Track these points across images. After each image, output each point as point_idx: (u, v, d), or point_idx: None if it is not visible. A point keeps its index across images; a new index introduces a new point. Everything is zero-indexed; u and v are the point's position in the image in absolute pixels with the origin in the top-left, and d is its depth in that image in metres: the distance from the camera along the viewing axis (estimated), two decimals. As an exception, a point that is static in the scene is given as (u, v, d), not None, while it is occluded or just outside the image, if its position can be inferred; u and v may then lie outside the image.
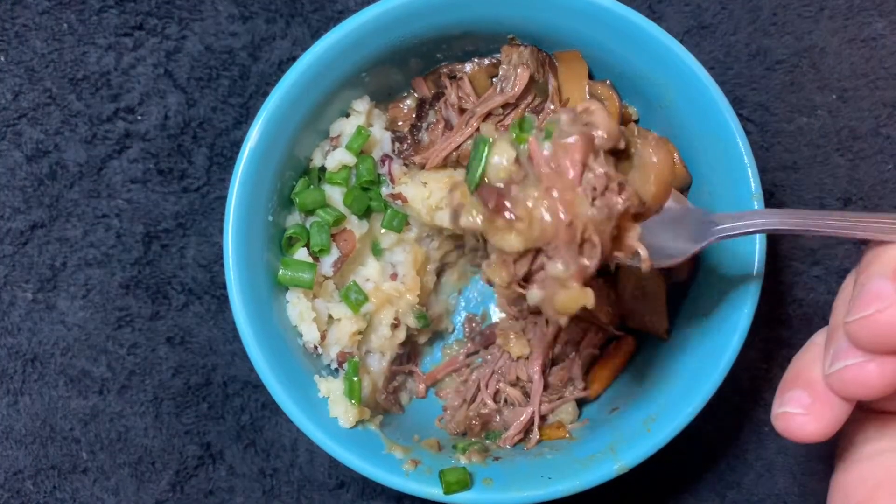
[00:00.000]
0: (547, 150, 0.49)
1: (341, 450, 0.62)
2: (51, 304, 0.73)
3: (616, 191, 0.48)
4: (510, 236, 0.48)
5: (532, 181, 0.49)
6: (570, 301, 0.48)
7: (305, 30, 0.75)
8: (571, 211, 0.47)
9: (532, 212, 0.48)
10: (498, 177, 0.50)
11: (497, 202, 0.48)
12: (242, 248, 0.63)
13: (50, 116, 0.74)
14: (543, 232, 0.48)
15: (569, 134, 0.48)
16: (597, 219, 0.47)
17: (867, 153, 0.74)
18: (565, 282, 0.48)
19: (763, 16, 0.75)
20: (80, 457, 0.73)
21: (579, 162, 0.48)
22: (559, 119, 0.50)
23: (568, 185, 0.48)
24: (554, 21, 0.64)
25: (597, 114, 0.50)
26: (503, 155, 0.50)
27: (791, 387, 0.49)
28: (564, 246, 0.47)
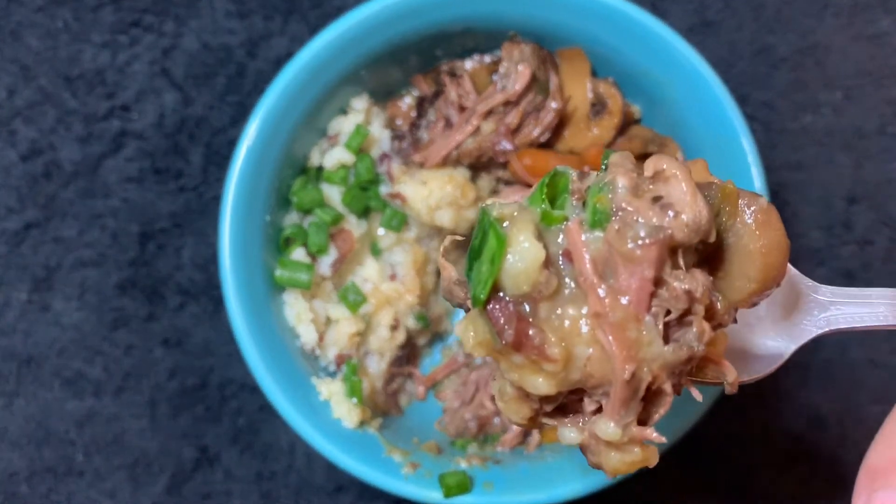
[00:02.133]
0: (596, 246, 0.33)
1: (339, 453, 0.62)
2: (45, 305, 0.73)
3: (702, 313, 0.34)
4: (535, 377, 0.34)
5: (571, 294, 0.34)
6: (626, 467, 0.35)
7: (303, 27, 0.75)
8: (634, 355, 0.33)
9: (572, 348, 0.33)
10: (518, 288, 0.34)
11: (518, 333, 0.33)
12: (239, 249, 0.62)
13: (44, 115, 0.74)
14: (588, 377, 0.34)
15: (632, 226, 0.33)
16: (672, 363, 0.33)
17: (873, 152, 0.74)
18: (619, 446, 0.35)
19: (767, 13, 0.74)
20: (75, 459, 0.73)
21: (650, 278, 0.33)
22: (615, 188, 0.33)
23: (630, 314, 0.33)
24: (556, 17, 0.63)
25: (674, 186, 0.34)
26: (526, 255, 0.33)
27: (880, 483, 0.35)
28: (620, 403, 0.34)
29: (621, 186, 0.34)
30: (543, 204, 0.35)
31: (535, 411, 0.36)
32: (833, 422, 0.73)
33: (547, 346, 0.33)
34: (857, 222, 0.74)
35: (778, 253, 0.36)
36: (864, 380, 0.73)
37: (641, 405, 0.34)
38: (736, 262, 0.36)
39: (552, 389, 0.34)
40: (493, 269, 0.34)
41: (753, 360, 0.42)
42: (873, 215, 0.74)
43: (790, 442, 0.73)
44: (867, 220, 0.74)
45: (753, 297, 0.36)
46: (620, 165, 0.35)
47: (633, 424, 0.34)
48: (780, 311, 0.42)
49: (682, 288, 0.33)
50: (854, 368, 0.73)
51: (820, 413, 0.73)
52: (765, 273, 0.36)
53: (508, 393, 0.36)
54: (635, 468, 0.35)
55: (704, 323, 0.34)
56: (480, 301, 0.34)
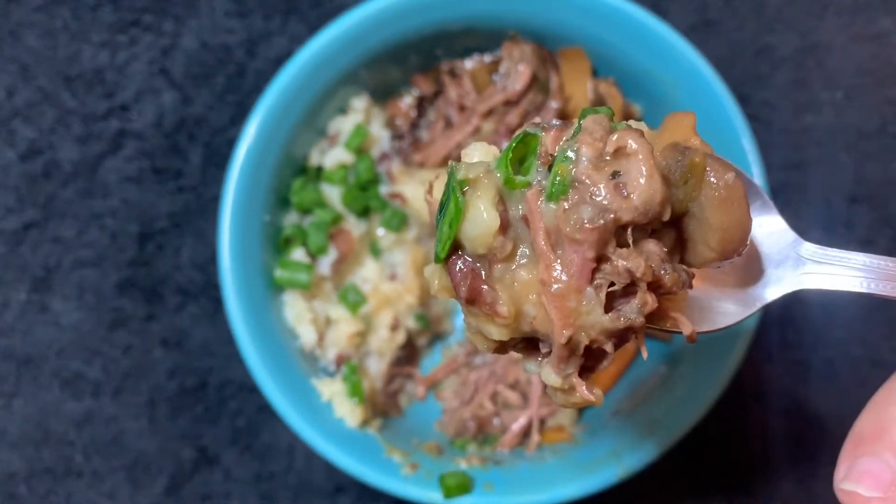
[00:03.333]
0: (551, 216, 0.35)
1: (339, 454, 0.62)
2: (45, 305, 0.73)
3: (644, 287, 0.36)
4: (489, 326, 0.37)
5: (526, 257, 0.36)
6: (571, 404, 0.38)
7: (303, 26, 0.74)
8: (571, 323, 0.35)
9: (520, 307, 0.36)
10: (474, 249, 0.36)
11: (471, 290, 0.36)
12: (238, 249, 0.62)
13: (43, 115, 0.74)
14: (534, 330, 0.37)
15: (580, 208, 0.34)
16: (610, 330, 0.36)
17: (873, 151, 0.74)
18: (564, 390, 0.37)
19: (768, 12, 0.74)
20: (74, 460, 0.72)
21: (591, 258, 0.35)
22: (578, 158, 0.35)
23: (571, 286, 0.35)
24: (556, 17, 0.63)
25: (633, 164, 0.34)
26: (482, 221, 0.36)
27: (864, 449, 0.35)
28: (559, 359, 0.36)
29: (584, 158, 0.35)
30: (507, 170, 0.36)
31: (500, 344, 0.38)
32: (834, 421, 0.72)
33: (497, 305, 0.36)
34: (859, 222, 0.73)
35: (738, 229, 0.37)
36: (865, 379, 0.73)
37: (582, 359, 0.37)
38: (698, 229, 0.37)
39: (504, 337, 0.37)
40: (451, 231, 0.36)
41: (719, 312, 0.42)
42: (874, 215, 0.73)
43: (791, 442, 0.73)
44: (868, 220, 0.73)
45: (712, 264, 0.38)
46: (590, 133, 0.36)
47: (574, 375, 0.37)
48: (754, 265, 0.42)
49: (623, 266, 0.35)
50: (855, 368, 0.73)
51: (820, 413, 0.73)
52: (723, 246, 0.37)
53: (472, 327, 0.39)
54: (578, 406, 0.38)
55: (648, 295, 0.36)
56: (440, 258, 0.37)
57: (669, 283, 0.36)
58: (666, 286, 0.36)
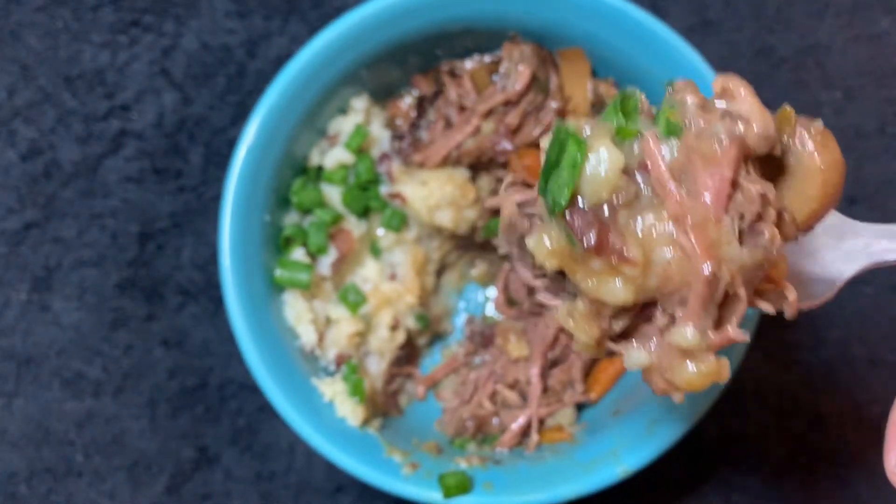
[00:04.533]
0: (671, 153, 0.35)
1: (339, 453, 0.62)
2: (45, 305, 0.73)
3: (773, 219, 0.35)
4: (613, 283, 0.35)
5: (648, 202, 0.35)
6: (701, 379, 0.35)
7: (303, 27, 0.74)
8: (714, 255, 0.33)
9: (651, 252, 0.34)
10: (597, 195, 0.35)
11: (600, 237, 0.34)
12: (238, 249, 0.62)
13: (44, 115, 0.74)
14: (667, 281, 0.34)
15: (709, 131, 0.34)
16: (748, 265, 0.34)
17: (873, 152, 0.74)
18: (696, 354, 0.35)
19: (767, 13, 0.74)
20: (74, 460, 0.72)
21: (728, 179, 0.34)
22: (684, 104, 0.35)
23: (709, 214, 0.34)
24: (556, 17, 0.63)
25: (744, 100, 0.35)
26: (606, 160, 0.34)
27: None
28: (700, 305, 0.34)
29: (691, 103, 0.35)
30: (618, 118, 0.36)
31: (604, 332, 0.37)
32: (833, 421, 0.72)
33: (627, 249, 0.34)
34: (858, 222, 0.73)
35: (836, 172, 0.37)
36: (864, 379, 0.73)
37: (717, 311, 0.35)
38: (796, 182, 0.37)
39: (630, 296, 0.35)
40: (574, 172, 0.35)
41: (807, 285, 0.42)
42: (874, 215, 0.73)
43: (790, 442, 0.73)
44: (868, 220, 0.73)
45: (813, 218, 0.37)
46: (686, 87, 0.37)
47: (711, 328, 0.35)
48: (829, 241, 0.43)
49: (756, 190, 0.34)
50: (855, 367, 0.73)
51: (820, 413, 0.73)
52: (824, 191, 0.37)
53: (580, 310, 0.37)
54: (709, 381, 0.35)
55: (775, 229, 0.35)
56: (561, 206, 0.35)
57: (790, 220, 0.36)
58: (787, 224, 0.36)
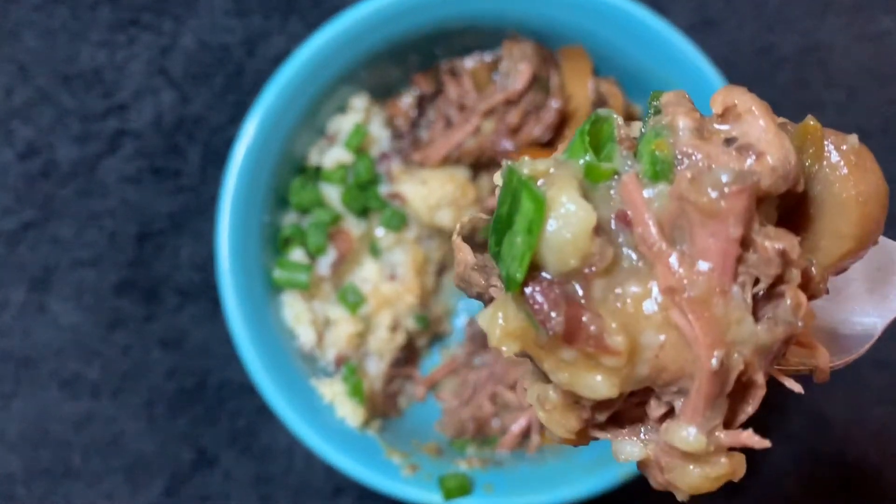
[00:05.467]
0: (660, 203, 0.27)
1: (338, 455, 0.61)
2: (43, 306, 0.72)
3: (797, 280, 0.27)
4: (592, 377, 0.27)
5: (632, 268, 0.27)
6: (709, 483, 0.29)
7: (302, 25, 0.74)
8: (720, 338, 0.26)
9: (639, 335, 0.27)
10: (564, 264, 0.27)
11: (569, 320, 0.26)
12: (236, 249, 0.62)
13: (42, 114, 0.73)
14: (661, 371, 0.27)
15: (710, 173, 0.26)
16: (767, 345, 0.27)
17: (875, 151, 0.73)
18: (701, 458, 0.28)
19: (768, 11, 0.74)
20: (73, 461, 0.72)
21: (737, 238, 0.26)
22: (675, 130, 0.28)
23: (713, 286, 0.26)
24: (557, 16, 0.63)
25: (751, 124, 0.28)
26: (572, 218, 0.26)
27: None
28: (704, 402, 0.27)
29: (683, 128, 0.28)
30: (588, 155, 0.28)
31: (586, 422, 0.29)
32: (837, 423, 0.72)
33: (607, 335, 0.26)
34: (860, 222, 0.73)
35: (876, 202, 0.29)
36: (868, 380, 0.73)
37: (727, 402, 0.28)
38: (825, 216, 0.29)
39: (614, 390, 0.27)
40: (531, 239, 0.26)
41: (840, 339, 0.34)
42: (876, 215, 0.73)
43: (794, 443, 0.72)
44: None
45: (847, 259, 0.29)
46: (678, 104, 0.29)
47: (720, 428, 0.28)
48: (863, 280, 0.34)
49: (774, 248, 0.26)
50: (859, 369, 0.72)
51: (824, 414, 0.72)
52: (862, 227, 0.29)
53: (552, 400, 0.29)
54: (720, 484, 0.29)
55: (800, 293, 0.27)
56: (516, 282, 0.27)
57: (818, 276, 0.28)
58: (814, 282, 0.28)
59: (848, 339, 0.34)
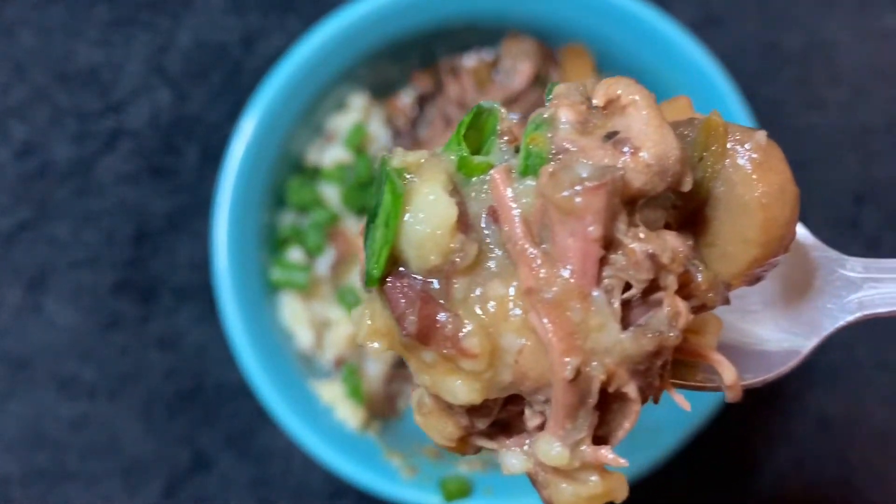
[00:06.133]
0: (530, 200, 0.26)
1: (337, 457, 0.61)
2: (39, 307, 0.72)
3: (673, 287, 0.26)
4: (452, 380, 0.26)
5: (499, 267, 0.26)
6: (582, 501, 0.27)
7: (301, 23, 0.74)
8: (577, 346, 0.25)
9: (496, 339, 0.25)
10: (423, 260, 0.26)
11: (423, 319, 0.25)
12: (234, 249, 0.61)
13: (38, 113, 0.73)
14: (522, 378, 0.26)
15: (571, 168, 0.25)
16: (634, 356, 0.25)
17: (880, 150, 0.73)
18: (570, 474, 0.27)
19: (773, 9, 0.73)
20: (69, 463, 0.72)
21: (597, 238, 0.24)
22: (556, 123, 0.26)
23: (571, 289, 0.25)
24: (558, 14, 0.63)
25: (633, 117, 0.26)
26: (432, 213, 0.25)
27: None
28: (564, 413, 0.25)
29: (564, 121, 0.26)
30: (461, 147, 0.27)
31: (465, 429, 0.28)
32: (840, 424, 0.72)
33: (463, 337, 0.25)
34: (865, 222, 0.73)
35: (782, 204, 0.27)
36: (871, 381, 0.72)
37: (596, 415, 0.26)
38: (728, 219, 0.27)
39: (475, 396, 0.26)
40: (388, 233, 0.26)
41: (761, 357, 0.32)
42: (881, 214, 0.73)
43: (796, 444, 0.72)
44: (875, 220, 0.73)
45: (754, 267, 0.28)
46: (566, 96, 0.27)
47: (587, 443, 0.26)
48: (794, 293, 0.32)
49: (642, 251, 0.25)
50: (861, 370, 0.72)
51: (826, 415, 0.72)
52: (767, 232, 0.27)
53: (427, 404, 0.28)
54: (601, 500, 0.27)
55: (679, 301, 0.26)
56: (373, 278, 0.27)
57: (705, 284, 0.26)
58: (700, 290, 0.26)
59: (771, 356, 0.32)
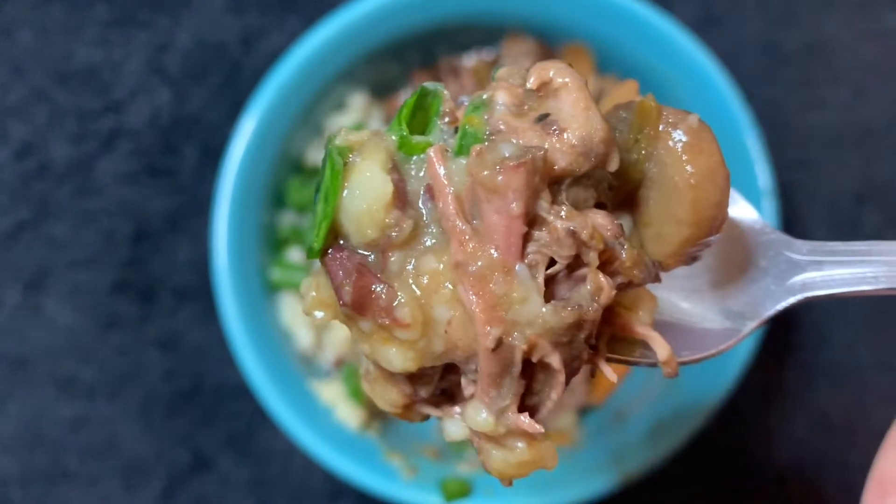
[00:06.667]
0: (462, 178, 0.27)
1: (337, 458, 0.61)
2: (38, 307, 0.72)
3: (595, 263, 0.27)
4: (388, 348, 0.28)
5: (433, 242, 0.28)
6: (512, 469, 0.29)
7: (301, 23, 0.74)
8: (499, 317, 0.26)
9: (429, 310, 0.27)
10: (361, 234, 0.28)
11: (358, 289, 0.27)
12: (233, 249, 0.61)
13: (37, 113, 0.73)
14: (452, 348, 0.27)
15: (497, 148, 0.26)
16: (555, 328, 0.27)
17: (881, 150, 0.73)
18: (499, 440, 0.28)
19: (773, 8, 0.73)
20: (68, 463, 0.72)
21: (518, 215, 0.26)
22: (492, 105, 0.28)
23: (495, 263, 0.27)
24: (558, 13, 0.62)
25: (563, 99, 0.28)
26: (368, 188, 0.27)
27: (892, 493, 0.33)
28: (489, 381, 0.27)
29: (500, 103, 0.28)
30: (402, 128, 0.28)
31: (408, 397, 0.29)
32: (840, 424, 0.72)
33: (396, 307, 0.27)
34: (866, 222, 0.73)
35: (712, 184, 0.28)
36: (871, 382, 0.72)
37: (522, 384, 0.27)
38: (661, 200, 0.28)
39: (411, 364, 0.27)
40: (328, 208, 0.28)
41: (702, 335, 0.33)
42: (882, 214, 0.73)
43: (796, 445, 0.72)
44: (876, 220, 0.73)
45: (687, 247, 0.29)
46: (505, 79, 0.29)
47: (511, 410, 0.28)
48: (738, 274, 0.33)
49: (563, 227, 0.26)
50: (862, 370, 0.72)
51: (827, 416, 0.72)
52: (696, 212, 0.28)
53: (371, 372, 0.29)
54: (526, 471, 0.28)
55: (601, 276, 0.27)
56: (314, 251, 0.28)
57: (629, 261, 0.28)
58: (625, 268, 0.28)
59: (712, 334, 0.33)
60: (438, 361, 0.28)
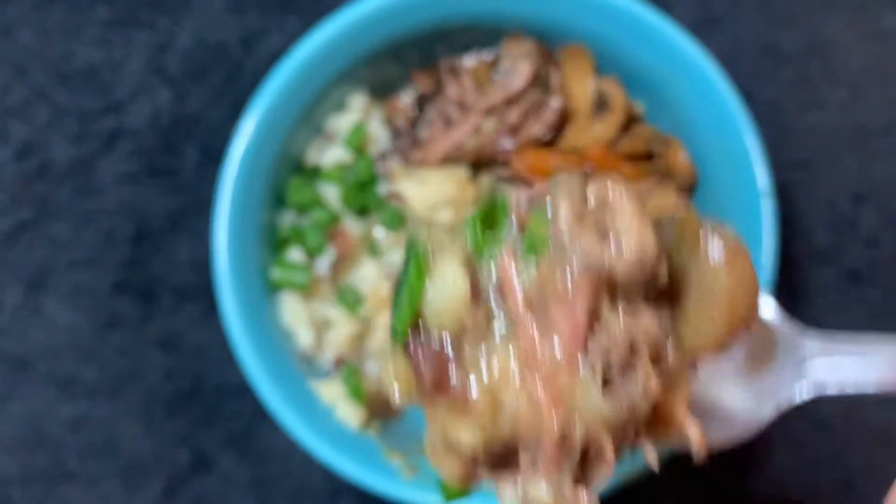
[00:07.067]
0: (531, 278, 0.30)
1: (337, 457, 0.61)
2: (39, 307, 0.72)
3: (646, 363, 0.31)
4: (459, 426, 0.30)
5: (504, 335, 0.31)
6: None
7: (302, 23, 0.74)
8: (563, 409, 0.29)
9: (498, 395, 0.30)
10: (440, 325, 0.31)
11: (436, 373, 0.31)
12: (234, 249, 0.61)
13: (38, 113, 0.73)
14: (517, 429, 0.30)
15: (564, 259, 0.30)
16: (611, 420, 0.30)
17: (880, 151, 0.73)
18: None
19: (773, 9, 0.73)
20: (68, 463, 0.72)
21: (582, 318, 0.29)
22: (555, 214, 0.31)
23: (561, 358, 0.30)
24: (558, 14, 0.63)
25: (619, 215, 0.30)
26: (449, 287, 0.31)
27: None
28: (551, 462, 0.30)
29: (562, 212, 0.31)
30: (476, 230, 0.32)
31: (469, 468, 0.32)
32: (838, 426, 0.72)
33: (468, 391, 0.30)
34: (864, 222, 0.73)
35: (745, 292, 0.31)
36: (871, 382, 0.72)
37: (578, 464, 0.31)
38: (699, 301, 0.32)
39: (478, 441, 0.30)
40: (413, 300, 0.31)
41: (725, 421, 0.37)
42: (880, 215, 0.73)
43: (795, 445, 0.72)
44: (874, 220, 0.73)
45: (720, 342, 0.32)
46: (568, 186, 0.32)
47: (568, 486, 0.31)
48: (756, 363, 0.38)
49: (621, 329, 0.30)
50: (861, 371, 0.72)
51: (824, 416, 0.72)
52: (731, 315, 0.31)
53: (438, 446, 0.32)
54: None
55: (652, 375, 0.30)
56: (399, 335, 0.31)
57: (675, 361, 0.31)
58: (670, 365, 0.31)
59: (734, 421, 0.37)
60: (502, 441, 0.31)
